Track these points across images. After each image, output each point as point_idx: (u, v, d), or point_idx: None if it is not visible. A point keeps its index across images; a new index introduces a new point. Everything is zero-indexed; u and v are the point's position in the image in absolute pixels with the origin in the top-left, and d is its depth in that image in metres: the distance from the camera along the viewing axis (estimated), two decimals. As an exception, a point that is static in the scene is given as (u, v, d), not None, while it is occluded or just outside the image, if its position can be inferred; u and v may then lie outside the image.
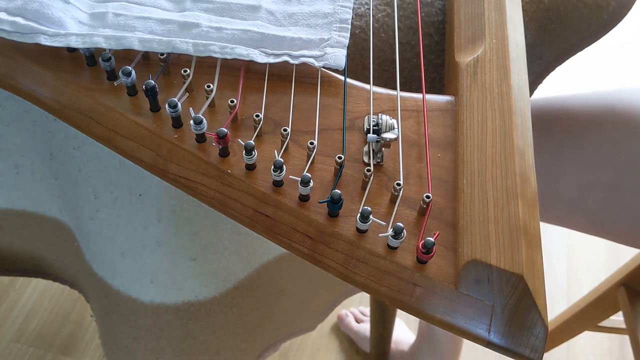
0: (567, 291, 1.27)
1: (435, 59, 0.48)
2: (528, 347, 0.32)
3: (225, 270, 0.51)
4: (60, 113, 0.39)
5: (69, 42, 0.39)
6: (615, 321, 0.96)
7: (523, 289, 0.31)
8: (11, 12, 0.39)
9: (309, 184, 0.34)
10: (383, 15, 0.47)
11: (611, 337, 1.19)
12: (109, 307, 0.55)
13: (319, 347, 1.16)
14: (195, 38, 0.40)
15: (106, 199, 0.48)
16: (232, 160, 0.36)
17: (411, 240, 0.34)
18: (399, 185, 0.35)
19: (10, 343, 1.12)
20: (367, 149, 0.38)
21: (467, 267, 0.32)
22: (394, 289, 0.33)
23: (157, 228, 0.47)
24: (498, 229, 0.33)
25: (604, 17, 0.51)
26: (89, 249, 0.54)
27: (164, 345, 0.55)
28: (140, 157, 0.37)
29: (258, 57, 0.40)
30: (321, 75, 0.41)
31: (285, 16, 0.43)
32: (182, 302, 0.51)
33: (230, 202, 0.36)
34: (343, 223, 0.34)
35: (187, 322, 0.53)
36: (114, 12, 0.41)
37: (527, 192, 0.35)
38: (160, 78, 0.39)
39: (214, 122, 0.38)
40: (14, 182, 0.53)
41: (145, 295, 0.51)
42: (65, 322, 1.16)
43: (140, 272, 0.50)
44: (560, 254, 1.33)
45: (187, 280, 0.50)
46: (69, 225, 0.55)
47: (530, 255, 0.33)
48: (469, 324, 0.32)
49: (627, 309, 0.84)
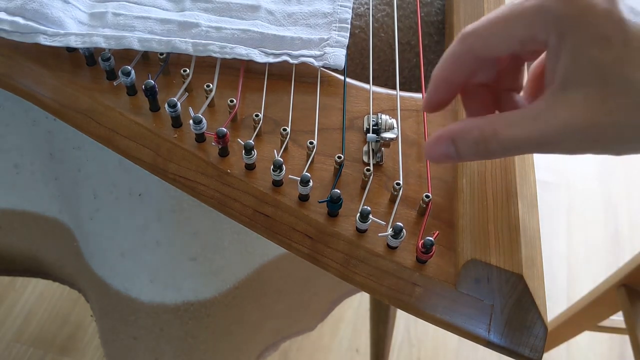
0: (567, 291, 1.27)
1: (435, 59, 0.48)
2: (528, 347, 0.32)
3: (225, 270, 0.51)
4: (60, 113, 0.39)
5: (68, 42, 0.39)
6: (615, 321, 0.96)
7: (523, 289, 0.31)
8: (11, 12, 0.39)
9: (308, 183, 0.34)
10: (383, 15, 0.47)
11: (611, 337, 1.19)
12: (108, 307, 0.55)
13: (319, 347, 1.16)
14: (195, 38, 0.40)
15: (106, 199, 0.48)
16: (232, 159, 0.36)
17: (411, 239, 0.34)
18: (398, 184, 0.35)
19: (10, 343, 1.12)
20: (366, 149, 0.38)
21: (466, 266, 0.32)
22: (393, 289, 0.33)
23: (157, 228, 0.47)
24: (497, 228, 0.33)
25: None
26: (88, 249, 0.54)
27: (163, 345, 0.54)
28: (139, 157, 0.37)
29: (257, 57, 0.40)
30: (321, 75, 0.41)
31: (285, 16, 0.43)
32: (182, 302, 0.51)
33: (229, 201, 0.36)
34: (343, 223, 0.34)
35: (187, 322, 0.53)
36: (113, 11, 0.41)
37: (526, 192, 0.35)
38: (159, 78, 0.39)
39: (213, 122, 0.38)
40: (13, 182, 0.53)
41: (145, 295, 0.51)
42: (65, 322, 1.16)
43: (140, 271, 0.50)
44: (560, 254, 1.33)
45: (187, 280, 0.50)
46: (68, 225, 0.55)
47: (530, 255, 0.33)
48: (469, 324, 0.32)
49: (627, 309, 0.84)
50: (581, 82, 0.26)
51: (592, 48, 0.26)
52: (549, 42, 0.27)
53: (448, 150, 0.30)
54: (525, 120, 0.28)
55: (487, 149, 0.29)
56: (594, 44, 0.26)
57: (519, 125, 0.28)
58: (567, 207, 1.42)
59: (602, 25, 0.25)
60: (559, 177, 1.46)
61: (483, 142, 0.29)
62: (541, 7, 0.26)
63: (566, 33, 0.26)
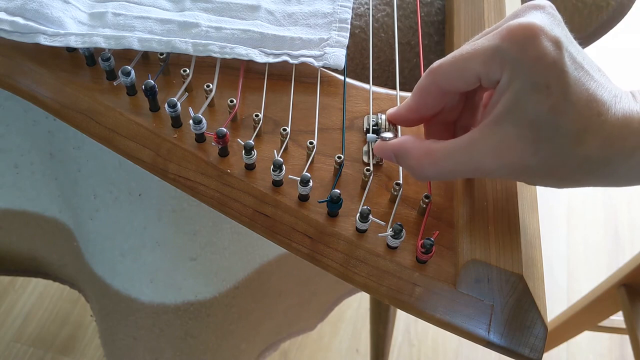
0: (567, 291, 1.27)
1: (435, 59, 0.48)
2: (528, 347, 0.32)
3: (225, 270, 0.51)
4: (60, 113, 0.39)
5: (68, 42, 0.39)
6: (615, 321, 0.96)
7: (522, 289, 0.31)
8: (11, 12, 0.39)
9: (308, 183, 0.34)
10: (383, 15, 0.47)
11: (611, 337, 1.19)
12: (108, 307, 0.55)
13: (319, 347, 1.16)
14: (195, 38, 0.40)
15: (106, 199, 0.48)
16: (232, 159, 0.36)
17: (411, 239, 0.34)
18: (398, 185, 0.35)
19: (10, 343, 1.12)
20: (366, 149, 0.38)
21: (466, 266, 0.32)
22: (393, 289, 0.33)
23: (156, 228, 0.47)
24: (497, 228, 0.33)
25: (604, 17, 0.51)
26: (88, 249, 0.54)
27: (163, 345, 0.54)
28: (139, 157, 0.37)
29: (257, 57, 0.40)
30: (321, 75, 0.41)
31: (285, 16, 0.43)
32: (182, 302, 0.51)
33: (229, 201, 0.36)
34: (342, 223, 0.34)
35: (187, 322, 0.53)
36: (113, 11, 0.41)
37: (526, 192, 0.35)
38: (159, 78, 0.39)
39: (213, 122, 0.38)
40: (14, 182, 0.53)
41: (145, 295, 0.51)
42: (65, 322, 1.16)
43: (139, 272, 0.50)
44: (560, 254, 1.33)
45: (187, 280, 0.50)
46: (68, 225, 0.55)
47: (530, 255, 0.33)
48: (469, 324, 0.32)
49: (627, 309, 0.84)
50: (516, 121, 0.28)
51: (534, 94, 0.28)
52: (501, 81, 0.29)
53: (392, 160, 0.34)
54: (458, 149, 0.30)
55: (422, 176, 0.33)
56: (536, 90, 0.28)
57: (452, 155, 0.31)
58: (567, 207, 1.42)
59: (546, 75, 0.27)
60: (559, 177, 1.46)
61: (419, 169, 0.32)
62: (498, 48, 0.28)
63: (515, 76, 0.28)
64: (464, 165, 0.30)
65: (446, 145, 0.31)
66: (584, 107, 0.28)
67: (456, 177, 0.34)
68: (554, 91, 0.27)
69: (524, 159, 0.29)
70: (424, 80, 0.33)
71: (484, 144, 0.29)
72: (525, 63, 0.28)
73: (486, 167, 0.30)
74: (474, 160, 0.30)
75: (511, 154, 0.29)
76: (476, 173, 0.31)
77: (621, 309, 0.86)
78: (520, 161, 0.29)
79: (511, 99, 0.28)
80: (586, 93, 0.28)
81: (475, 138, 0.30)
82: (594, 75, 0.29)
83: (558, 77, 0.27)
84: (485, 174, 0.32)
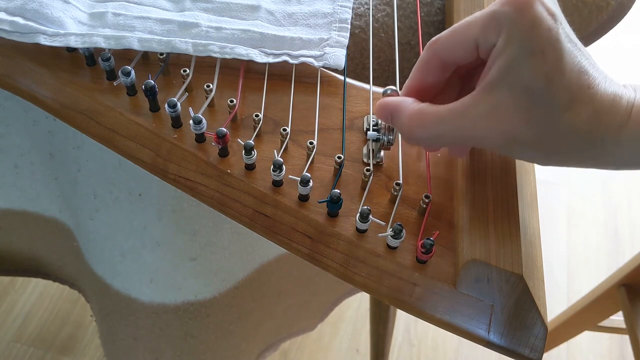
0: (567, 291, 1.27)
1: (435, 58, 0.48)
2: (528, 347, 0.32)
3: (225, 270, 0.51)
4: (60, 113, 0.39)
5: (68, 42, 0.39)
6: (615, 321, 0.96)
7: (522, 289, 0.31)
8: (11, 12, 0.39)
9: (308, 183, 0.34)
10: (383, 15, 0.47)
11: (611, 337, 1.19)
12: (108, 307, 0.55)
13: (319, 347, 1.16)
14: (195, 38, 0.40)
15: (106, 199, 0.48)
16: (232, 160, 0.36)
17: (411, 240, 0.34)
18: (398, 185, 0.35)
19: (10, 343, 1.12)
20: (366, 149, 0.38)
21: (466, 266, 0.32)
22: (393, 289, 0.33)
23: (156, 228, 0.47)
24: (497, 228, 0.33)
25: (604, 17, 0.51)
26: (88, 249, 0.54)
27: (163, 345, 0.54)
28: (139, 157, 0.37)
29: (257, 57, 0.40)
30: (321, 75, 0.41)
31: (285, 16, 0.43)
32: (182, 302, 0.51)
33: (229, 202, 0.36)
34: (343, 223, 0.34)
35: (186, 322, 0.53)
36: (113, 11, 0.41)
37: (526, 192, 0.35)
38: (159, 78, 0.39)
39: (213, 122, 0.38)
40: (13, 182, 0.53)
41: (145, 295, 0.51)
42: (65, 322, 1.16)
43: (139, 272, 0.50)
44: (560, 254, 1.33)
45: (187, 280, 0.50)
46: (68, 225, 0.55)
47: (530, 255, 0.33)
48: (469, 324, 0.32)
49: (627, 309, 0.84)
50: (511, 86, 0.28)
51: (528, 59, 0.28)
52: (497, 44, 0.29)
53: (387, 120, 0.34)
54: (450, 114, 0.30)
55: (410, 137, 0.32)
56: (531, 55, 0.28)
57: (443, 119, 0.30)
58: (567, 207, 1.42)
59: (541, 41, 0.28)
60: (559, 177, 1.46)
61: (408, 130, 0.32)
62: (496, 12, 0.29)
63: (511, 39, 0.28)
64: (454, 131, 0.30)
65: (439, 109, 0.31)
66: (576, 77, 0.28)
67: (444, 143, 0.33)
68: (548, 58, 0.28)
69: (515, 126, 0.29)
70: (424, 54, 0.33)
71: (477, 109, 0.29)
72: (522, 26, 0.28)
73: (476, 133, 0.30)
74: (465, 126, 0.30)
75: (504, 120, 0.29)
76: (465, 140, 0.31)
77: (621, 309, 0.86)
78: (511, 128, 0.29)
79: (506, 63, 0.28)
80: (579, 65, 0.28)
81: (468, 103, 0.30)
82: (585, 54, 0.29)
83: (553, 45, 0.28)
84: (473, 141, 0.31)
